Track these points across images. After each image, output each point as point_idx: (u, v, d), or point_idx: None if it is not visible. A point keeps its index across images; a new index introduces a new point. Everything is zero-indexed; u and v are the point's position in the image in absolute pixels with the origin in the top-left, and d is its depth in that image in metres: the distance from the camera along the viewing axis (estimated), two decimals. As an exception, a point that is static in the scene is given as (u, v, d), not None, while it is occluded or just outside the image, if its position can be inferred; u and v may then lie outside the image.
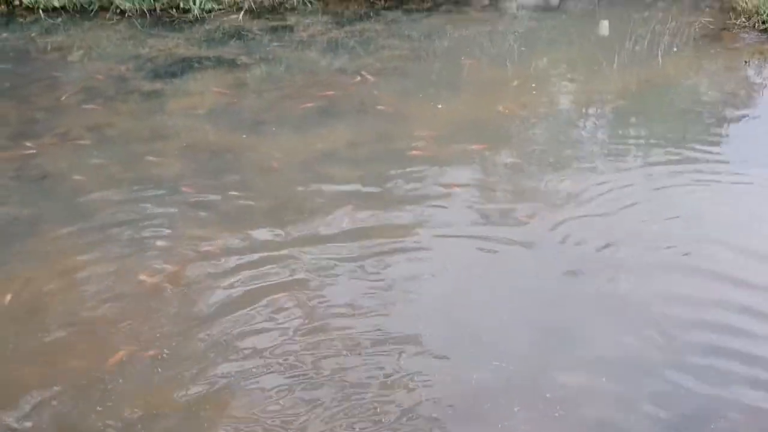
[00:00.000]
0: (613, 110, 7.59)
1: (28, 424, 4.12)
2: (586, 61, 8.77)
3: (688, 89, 8.02)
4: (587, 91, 7.92)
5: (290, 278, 5.18)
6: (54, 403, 4.24)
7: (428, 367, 4.43)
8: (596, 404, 4.21)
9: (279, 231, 5.68)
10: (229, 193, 6.17)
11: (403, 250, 5.44)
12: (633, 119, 7.34)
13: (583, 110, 7.55)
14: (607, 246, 5.44)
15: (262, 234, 5.65)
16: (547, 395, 4.24)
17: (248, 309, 4.90)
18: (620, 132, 7.13)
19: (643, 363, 4.46)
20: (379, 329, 4.71)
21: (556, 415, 4.13)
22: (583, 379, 4.35)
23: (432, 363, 4.46)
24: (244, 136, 7.06)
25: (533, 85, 8.01)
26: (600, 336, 4.66)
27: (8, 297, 5.05)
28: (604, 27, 9.94)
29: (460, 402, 4.21)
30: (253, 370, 4.44)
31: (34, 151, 6.87)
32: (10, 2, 10.53)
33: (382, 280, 5.17)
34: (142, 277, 5.23)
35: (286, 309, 4.90)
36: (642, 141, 6.89)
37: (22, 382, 4.39)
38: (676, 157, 6.56)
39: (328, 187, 6.21)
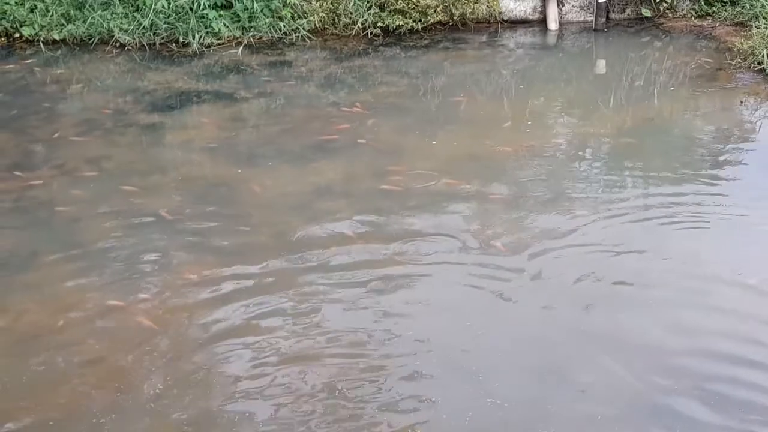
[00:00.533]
0: (609, 147, 7.62)
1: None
2: (583, 99, 8.82)
3: (684, 127, 8.06)
4: (583, 129, 7.94)
5: (282, 309, 5.21)
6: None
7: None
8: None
9: (274, 263, 5.68)
10: (225, 225, 6.19)
11: (394, 283, 5.47)
12: (628, 156, 7.35)
13: (579, 147, 7.57)
14: (598, 280, 5.46)
15: (255, 266, 5.66)
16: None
17: (240, 339, 4.91)
18: (615, 169, 7.15)
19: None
20: (371, 358, 4.71)
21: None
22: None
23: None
24: (241, 170, 7.08)
25: (529, 122, 8.05)
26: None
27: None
28: (601, 65, 10.01)
29: None
30: (243, 398, 4.44)
31: (32, 183, 6.89)
32: (11, 35, 10.60)
33: (373, 311, 5.19)
34: (136, 310, 5.22)
35: (277, 338, 4.91)
36: (638, 178, 6.91)
37: (7, 414, 4.38)
38: (672, 194, 6.57)
39: (322, 221, 6.22)
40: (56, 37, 10.42)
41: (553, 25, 10.87)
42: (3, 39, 10.61)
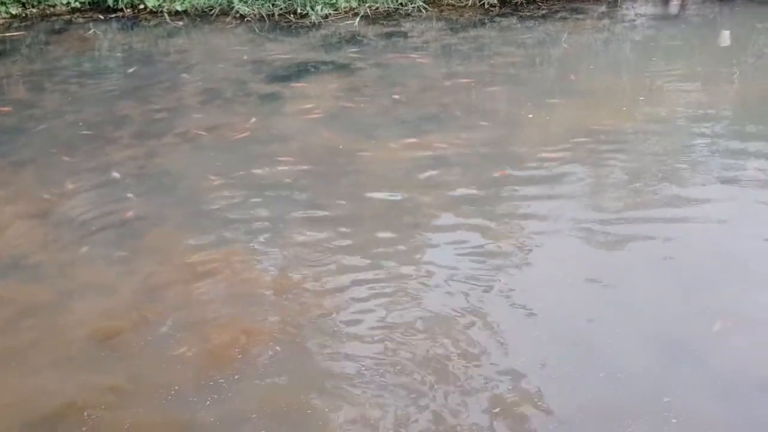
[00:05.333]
0: (728, 125, 7.33)
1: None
2: (704, 73, 8.54)
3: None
4: (701, 105, 7.67)
5: (396, 279, 5.23)
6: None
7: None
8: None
9: (390, 234, 5.74)
10: (340, 196, 6.26)
11: (510, 258, 5.42)
12: (750, 135, 7.08)
13: (696, 124, 7.29)
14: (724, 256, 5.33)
15: (372, 237, 5.72)
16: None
17: (355, 314, 4.96)
18: (735, 148, 6.87)
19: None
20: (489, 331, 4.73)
21: None
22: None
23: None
24: (358, 140, 7.14)
25: (648, 95, 7.87)
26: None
27: (126, 292, 5.24)
28: (725, 37, 9.67)
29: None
30: (360, 373, 4.50)
31: (156, 150, 7.12)
32: (136, 6, 10.93)
33: (489, 281, 5.16)
34: (253, 276, 5.36)
35: (391, 309, 4.95)
36: (762, 157, 6.65)
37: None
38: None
39: (439, 192, 6.24)
40: (178, 8, 10.71)
41: (675, -6, 10.59)
42: (128, 10, 10.96)
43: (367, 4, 10.48)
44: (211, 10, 10.63)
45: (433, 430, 4.09)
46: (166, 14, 10.62)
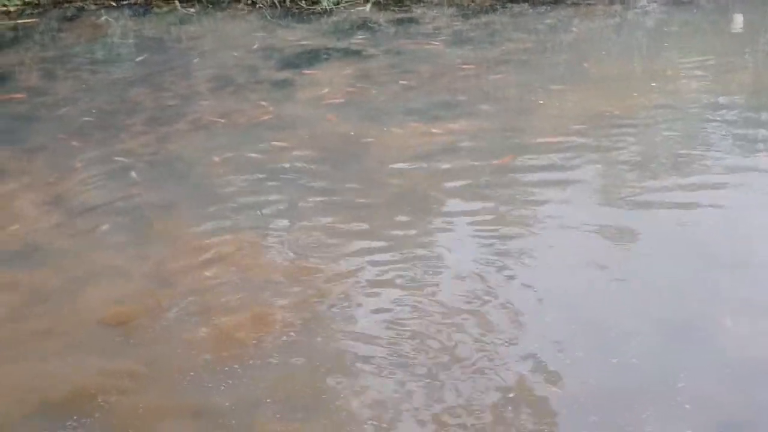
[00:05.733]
0: (740, 112, 7.26)
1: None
2: (716, 58, 8.47)
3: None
4: (714, 91, 7.62)
5: (407, 264, 5.23)
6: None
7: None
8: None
9: (402, 219, 5.74)
10: (352, 182, 6.27)
11: (524, 243, 5.42)
12: (763, 122, 7.04)
13: (708, 111, 7.24)
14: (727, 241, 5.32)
15: (384, 222, 5.71)
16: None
17: (368, 297, 4.96)
18: (747, 135, 6.81)
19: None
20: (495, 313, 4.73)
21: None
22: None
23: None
24: (370, 126, 7.14)
25: (660, 81, 7.84)
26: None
27: (139, 277, 5.26)
28: (739, 21, 9.61)
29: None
30: (373, 356, 4.51)
31: (168, 136, 7.13)
32: (149, -8, 10.94)
33: (499, 267, 5.15)
34: (266, 261, 5.37)
35: (404, 294, 4.95)
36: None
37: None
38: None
39: (449, 178, 6.24)
40: (190, -6, 10.70)
41: (688, -21, 10.51)
42: (141, -3, 10.97)
43: (379, -9, 10.46)
44: (222, -4, 10.64)
45: (447, 411, 4.09)
46: (177, 1, 10.62)
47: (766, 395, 4.12)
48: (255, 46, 9.32)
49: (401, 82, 8.12)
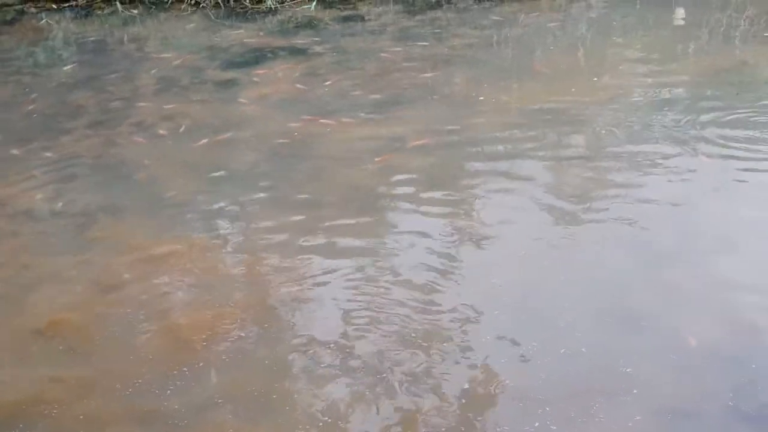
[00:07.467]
0: (683, 100, 7.38)
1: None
2: (659, 50, 8.59)
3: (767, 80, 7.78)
4: (658, 82, 7.70)
5: (358, 260, 5.22)
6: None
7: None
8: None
9: (351, 217, 5.72)
10: (299, 180, 6.24)
11: (466, 236, 5.44)
12: (705, 108, 7.12)
13: (652, 100, 7.32)
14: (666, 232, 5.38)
15: (334, 220, 5.69)
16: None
17: (320, 297, 4.94)
18: (691, 122, 6.88)
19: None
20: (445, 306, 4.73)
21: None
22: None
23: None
24: (317, 124, 7.11)
25: (604, 74, 7.91)
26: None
27: (84, 283, 5.17)
28: (680, 14, 9.75)
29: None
30: (326, 357, 4.48)
31: (112, 140, 7.04)
32: (89, -6, 10.80)
33: (446, 260, 5.16)
34: (214, 263, 5.32)
35: (355, 291, 4.94)
36: (716, 135, 6.66)
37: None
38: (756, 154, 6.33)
39: (397, 174, 6.23)
40: (132, -4, 10.59)
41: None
42: (82, -1, 10.82)
43: (323, -12, 10.44)
44: (165, -3, 10.54)
45: (398, 413, 4.08)
46: (119, 3, 10.49)
47: (710, 380, 4.17)
48: (199, 47, 9.23)
49: (348, 80, 8.10)
